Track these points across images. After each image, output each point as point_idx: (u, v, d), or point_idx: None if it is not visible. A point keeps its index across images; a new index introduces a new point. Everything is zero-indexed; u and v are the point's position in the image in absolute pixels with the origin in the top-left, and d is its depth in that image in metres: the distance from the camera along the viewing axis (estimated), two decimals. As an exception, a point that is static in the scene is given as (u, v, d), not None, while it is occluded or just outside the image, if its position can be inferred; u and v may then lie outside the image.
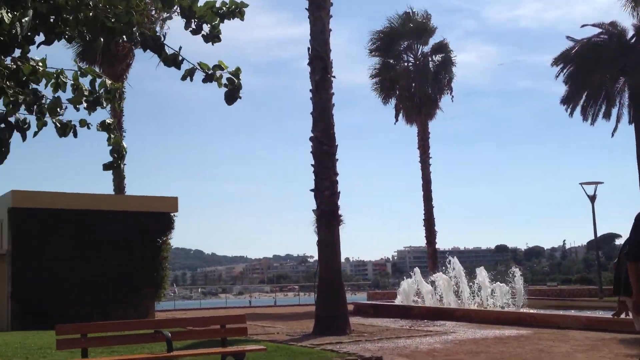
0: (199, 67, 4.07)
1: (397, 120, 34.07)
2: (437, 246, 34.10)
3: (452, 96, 34.04)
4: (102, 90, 4.13)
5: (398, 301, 21.42)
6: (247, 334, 9.70)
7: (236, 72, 4.07)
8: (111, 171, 26.03)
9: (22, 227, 16.19)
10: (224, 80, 4.10)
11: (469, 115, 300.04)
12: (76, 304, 15.67)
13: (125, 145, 4.17)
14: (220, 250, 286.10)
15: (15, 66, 3.92)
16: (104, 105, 4.13)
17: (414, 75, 33.41)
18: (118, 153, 4.10)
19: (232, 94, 3.98)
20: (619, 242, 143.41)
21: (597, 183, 30.02)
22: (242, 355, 7.79)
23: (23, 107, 3.96)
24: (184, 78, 4.06)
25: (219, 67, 4.07)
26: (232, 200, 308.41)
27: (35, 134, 4.01)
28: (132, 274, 17.07)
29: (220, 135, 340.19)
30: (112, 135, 4.12)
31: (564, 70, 34.42)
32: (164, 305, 23.61)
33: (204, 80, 4.01)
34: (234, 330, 8.54)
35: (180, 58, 4.04)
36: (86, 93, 4.10)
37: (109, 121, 4.21)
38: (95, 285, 16.45)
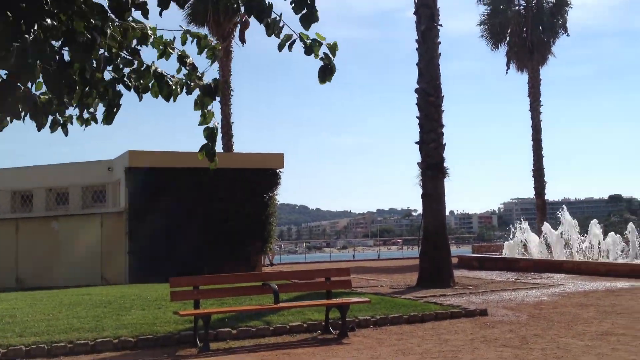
0: (298, 37, 3.99)
1: (508, 68, 32.96)
2: (546, 197, 33.12)
3: (568, 34, 32.43)
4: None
5: (505, 254, 21.07)
6: (351, 287, 9.93)
7: (333, 48, 3.99)
8: (221, 132, 26.61)
9: (138, 186, 17.06)
10: (320, 54, 4.00)
11: (584, 59, 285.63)
12: (188, 258, 16.45)
13: (217, 125, 4.21)
14: (324, 205, 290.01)
15: (125, 30, 4.05)
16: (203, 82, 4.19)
17: (525, 20, 32.07)
18: (211, 136, 4.15)
19: (325, 71, 3.95)
20: None
21: None
22: (346, 307, 7.99)
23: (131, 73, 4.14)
24: (280, 48, 3.96)
25: (316, 40, 3.98)
26: (336, 155, 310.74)
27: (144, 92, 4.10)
28: (241, 229, 17.68)
29: (324, 90, 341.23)
30: (205, 112, 4.17)
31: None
32: (273, 259, 24.38)
33: (306, 53, 3.92)
34: (338, 283, 8.74)
35: (281, 24, 3.95)
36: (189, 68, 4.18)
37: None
38: (205, 240, 17.17)
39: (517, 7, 32.62)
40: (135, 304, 9.54)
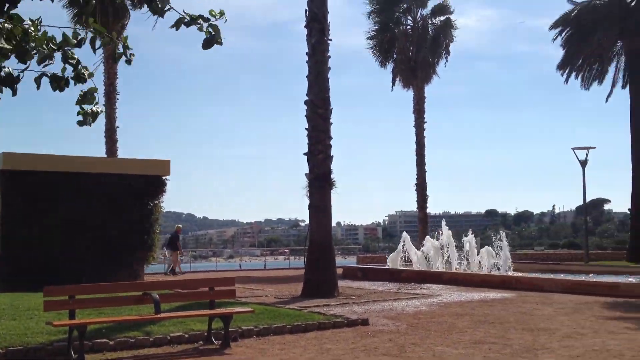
0: (187, 17, 4.16)
1: (394, 84, 34.01)
2: (428, 211, 34.32)
3: (447, 61, 33.97)
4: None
5: (389, 266, 21.65)
6: (236, 297, 9.86)
7: (220, 15, 4.17)
8: (104, 136, 25.79)
9: (12, 190, 16.17)
10: (209, 29, 4.22)
11: (466, 79, 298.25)
12: (66, 266, 15.74)
13: (99, 110, 4.20)
14: (211, 214, 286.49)
15: (8, 26, 3.93)
16: (86, 75, 4.16)
17: (412, 39, 33.22)
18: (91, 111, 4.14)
19: (210, 41, 4.13)
20: (608, 207, 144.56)
21: (588, 148, 30.17)
22: (229, 317, 7.91)
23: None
24: (174, 26, 4.19)
25: (204, 18, 4.17)
26: (224, 164, 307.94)
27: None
28: (123, 237, 17.11)
29: (215, 100, 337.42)
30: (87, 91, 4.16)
31: (562, 34, 34.30)
32: (155, 268, 23.79)
33: (187, 25, 4.14)
34: (223, 292, 8.65)
35: (167, 7, 4.14)
36: (73, 62, 4.16)
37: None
38: (85, 247, 16.51)
39: (404, 27, 33.80)
40: (6, 313, 9.02)
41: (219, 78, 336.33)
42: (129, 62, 4.42)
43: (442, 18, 33.49)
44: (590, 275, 19.23)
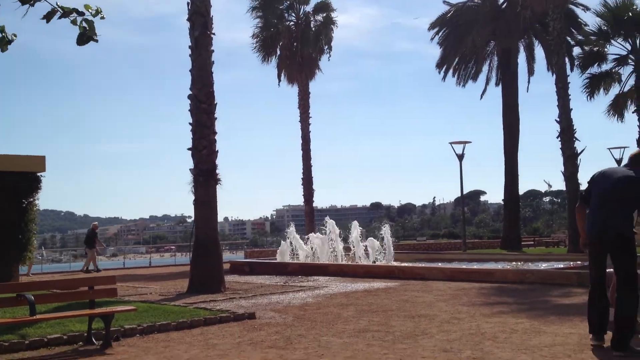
0: (59, 9, 3.97)
1: (280, 80, 34.17)
2: (314, 205, 34.77)
3: (330, 56, 34.48)
4: None
5: (278, 260, 21.75)
6: (117, 296, 9.56)
7: (96, 13, 4.01)
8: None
9: None
10: (84, 24, 4.05)
11: (350, 75, 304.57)
12: None
13: None
14: (93, 211, 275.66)
15: None
16: None
17: (295, 35, 33.40)
18: None
19: (85, 37, 3.97)
20: (484, 198, 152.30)
21: (465, 142, 31.58)
22: (110, 317, 7.66)
23: None
24: (45, 18, 3.99)
25: (78, 11, 3.99)
26: (107, 161, 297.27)
27: None
28: (-6, 236, 16.17)
29: (95, 94, 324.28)
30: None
31: (440, 33, 35.66)
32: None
33: (60, 17, 3.95)
34: (103, 291, 8.35)
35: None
36: None
37: None
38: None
39: (287, 22, 33.98)
40: None
41: (100, 72, 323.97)
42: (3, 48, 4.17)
43: (324, 15, 33.96)
44: (466, 263, 20.14)
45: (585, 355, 6.26)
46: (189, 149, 14.88)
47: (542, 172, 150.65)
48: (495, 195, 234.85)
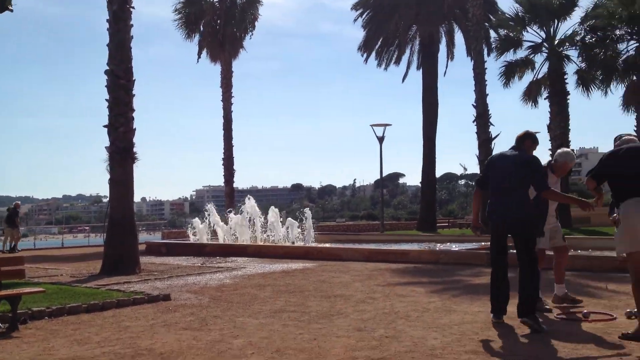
0: None
1: (199, 57, 33.55)
2: (235, 185, 34.52)
3: (252, 34, 34.14)
4: None
5: (192, 240, 21.50)
6: (26, 277, 9.21)
7: None
8: None
9: None
10: None
11: (275, 55, 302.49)
12: None
13: None
14: (2, 189, 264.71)
15: None
16: None
17: (219, 12, 32.85)
18: None
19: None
20: (403, 181, 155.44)
21: (385, 125, 32.03)
22: (17, 299, 7.36)
23: None
24: None
25: None
26: (17, 136, 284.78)
27: None
28: None
29: (6, 65, 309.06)
30: None
31: (363, 16, 35.89)
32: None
33: None
34: (10, 273, 8.02)
35: None
36: None
37: None
38: None
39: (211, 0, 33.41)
40: None
41: (12, 42, 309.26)
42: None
43: (249, -8, 33.56)
44: (383, 244, 20.51)
45: (491, 333, 6.48)
46: (105, 126, 14.47)
47: (458, 156, 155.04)
48: (413, 177, 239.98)
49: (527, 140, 7.19)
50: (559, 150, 8.06)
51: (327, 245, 19.03)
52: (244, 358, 5.66)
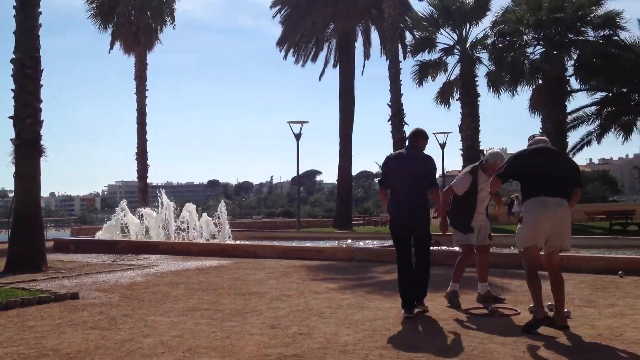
0: None
1: (111, 48, 32.68)
2: (149, 181, 33.89)
3: (173, 26, 33.54)
4: None
5: (104, 236, 20.90)
6: None
7: None
8: None
9: None
10: None
11: (193, 49, 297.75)
12: None
13: None
14: None
15: None
16: None
17: (134, 2, 32.04)
18: None
19: None
20: (320, 178, 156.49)
21: (302, 122, 32.14)
22: None
23: None
24: None
25: None
26: None
27: None
28: None
29: None
30: None
31: (281, 12, 35.86)
32: None
33: None
34: None
35: None
36: None
37: None
38: None
39: (127, -11, 32.58)
40: None
41: None
42: None
43: (166, -16, 32.95)
44: (299, 241, 20.60)
45: (402, 328, 6.62)
46: (10, 117, 13.88)
47: (375, 154, 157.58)
48: (330, 175, 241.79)
49: (420, 138, 7.55)
50: (489, 151, 8.38)
51: (243, 242, 18.92)
52: (155, 357, 5.55)
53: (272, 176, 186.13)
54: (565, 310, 6.83)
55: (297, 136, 32.01)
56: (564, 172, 6.48)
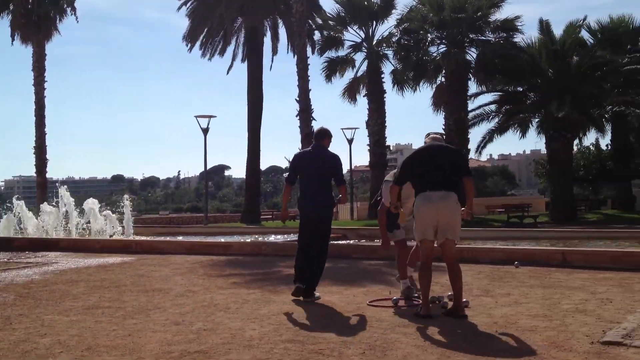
0: None
1: (13, 39, 31.16)
2: (48, 176, 32.64)
3: (75, 17, 32.34)
4: None
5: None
6: None
7: None
8: None
9: None
10: None
11: (93, 40, 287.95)
12: None
13: None
14: None
15: None
16: None
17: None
18: None
19: None
20: (228, 173, 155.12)
21: (210, 117, 31.79)
22: None
23: None
24: None
25: None
26: None
27: None
28: None
29: None
30: None
31: (188, 4, 35.23)
32: None
33: None
34: None
35: None
36: None
37: None
38: None
39: (20, -23, 31.21)
40: None
41: None
42: None
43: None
44: (207, 237, 20.39)
45: (308, 321, 6.67)
46: None
47: (283, 149, 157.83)
48: (239, 170, 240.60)
49: (325, 137, 7.97)
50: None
51: (148, 238, 18.50)
52: (51, 357, 5.34)
53: (179, 171, 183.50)
54: (464, 300, 7.10)
55: (205, 130, 31.61)
56: (448, 165, 6.75)
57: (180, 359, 5.22)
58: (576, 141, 36.58)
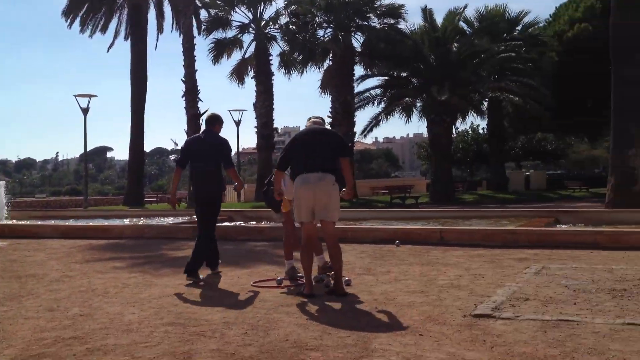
0: None
1: None
2: None
3: None
4: None
5: None
6: None
7: None
8: None
9: None
10: None
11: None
12: None
13: None
14: None
15: None
16: None
17: None
18: None
19: None
20: (111, 155, 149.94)
21: (90, 96, 30.56)
22: None
23: None
24: None
25: None
26: None
27: None
28: None
29: None
30: None
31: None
32: None
33: None
34: None
35: None
36: None
37: None
38: None
39: None
40: None
41: None
42: None
43: None
44: (87, 220, 19.63)
45: (189, 304, 6.59)
46: None
47: (169, 131, 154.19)
48: (122, 152, 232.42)
49: (216, 123, 8.23)
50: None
51: (22, 222, 17.58)
52: None
53: (57, 152, 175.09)
54: (347, 278, 7.26)
55: (85, 110, 30.38)
56: (325, 147, 6.84)
57: (54, 345, 5.00)
58: (458, 124, 38.20)
